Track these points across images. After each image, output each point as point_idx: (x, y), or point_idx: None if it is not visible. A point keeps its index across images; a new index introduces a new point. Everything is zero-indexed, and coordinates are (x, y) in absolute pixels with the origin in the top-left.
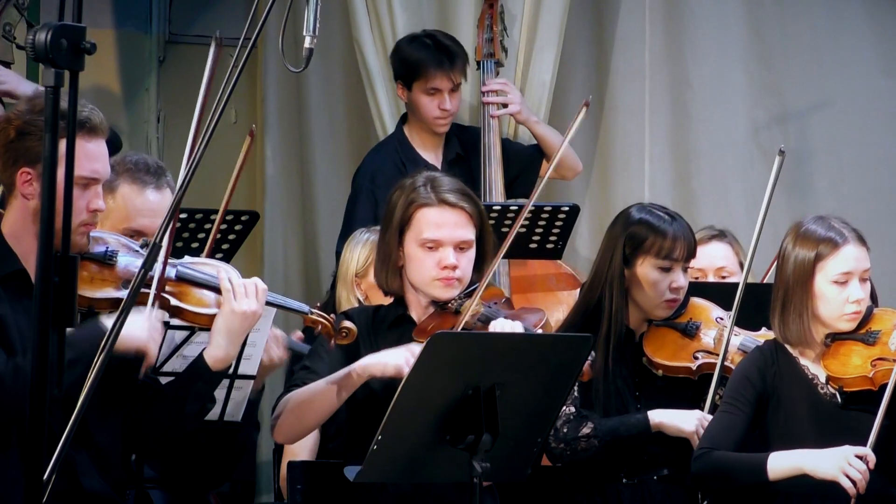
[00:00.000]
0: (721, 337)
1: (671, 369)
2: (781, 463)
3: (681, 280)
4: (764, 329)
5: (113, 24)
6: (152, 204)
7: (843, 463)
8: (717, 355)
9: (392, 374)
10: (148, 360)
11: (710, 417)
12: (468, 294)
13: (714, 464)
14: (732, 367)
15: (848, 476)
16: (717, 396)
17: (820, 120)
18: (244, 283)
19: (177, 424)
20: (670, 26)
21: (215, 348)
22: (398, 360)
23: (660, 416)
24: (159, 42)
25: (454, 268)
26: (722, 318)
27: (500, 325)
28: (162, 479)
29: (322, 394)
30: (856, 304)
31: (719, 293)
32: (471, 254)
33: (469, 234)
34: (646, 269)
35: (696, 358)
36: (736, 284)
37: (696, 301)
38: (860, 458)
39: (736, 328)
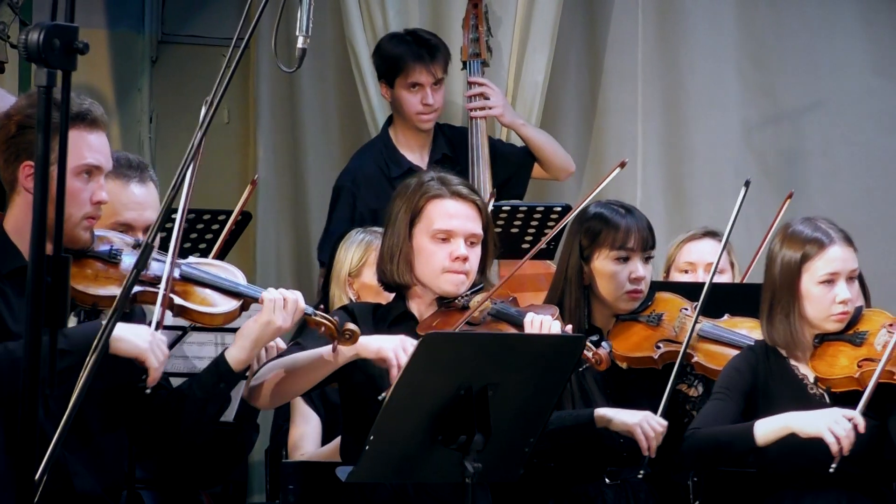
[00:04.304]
0: (684, 326)
1: (634, 360)
2: (769, 426)
3: (640, 270)
4: (727, 315)
5: (106, 24)
6: (138, 197)
7: (830, 421)
8: (680, 343)
9: (375, 358)
10: (151, 373)
11: (656, 417)
12: (475, 292)
13: (703, 438)
14: (692, 352)
15: (833, 433)
16: (687, 386)
17: (813, 120)
18: (284, 298)
19: (198, 425)
20: (663, 27)
21: (239, 350)
22: (387, 345)
23: (606, 412)
24: (152, 42)
25: (465, 259)
26: (686, 309)
27: (538, 322)
28: (155, 480)
29: (307, 364)
30: (843, 305)
31: (690, 291)
32: (479, 250)
33: (479, 228)
34: (603, 261)
35: (658, 347)
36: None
37: (663, 294)
38: (848, 419)
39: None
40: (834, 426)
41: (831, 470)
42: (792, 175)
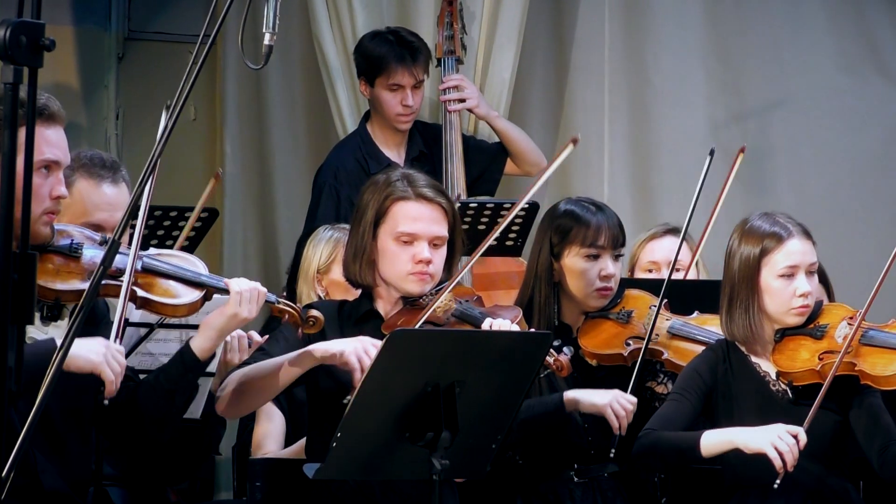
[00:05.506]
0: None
1: (604, 358)
2: (715, 439)
3: (610, 268)
4: (696, 312)
5: (72, 20)
6: (109, 198)
7: (773, 436)
8: (650, 341)
9: (338, 362)
10: (108, 386)
11: (625, 395)
12: (439, 290)
13: (653, 441)
14: (661, 349)
15: (776, 449)
16: (657, 383)
17: (779, 117)
18: (250, 290)
19: (168, 417)
20: (630, 24)
21: (205, 340)
22: (348, 349)
23: (574, 393)
24: (118, 39)
25: (428, 262)
26: (656, 306)
27: (497, 324)
28: (122, 476)
29: (271, 372)
30: (803, 298)
31: (659, 288)
32: (444, 250)
33: (443, 230)
34: (573, 259)
35: (628, 345)
36: (675, 280)
37: (632, 292)
38: (792, 435)
39: (668, 313)
40: (777, 442)
41: (775, 486)
42: (758, 172)
